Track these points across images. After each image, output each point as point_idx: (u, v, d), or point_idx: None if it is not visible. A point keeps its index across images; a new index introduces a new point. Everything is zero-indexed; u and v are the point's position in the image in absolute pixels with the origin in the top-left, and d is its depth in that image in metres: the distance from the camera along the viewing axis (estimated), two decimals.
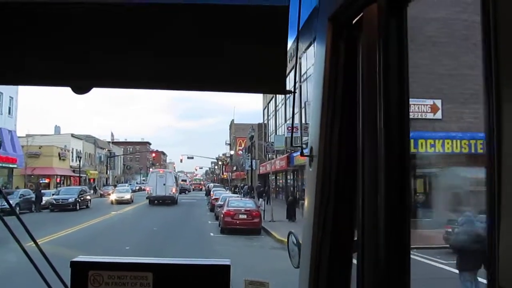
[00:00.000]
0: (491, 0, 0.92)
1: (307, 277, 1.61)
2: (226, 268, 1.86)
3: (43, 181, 51.00)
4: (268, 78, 1.42)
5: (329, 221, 1.56)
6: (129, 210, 33.68)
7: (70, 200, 32.98)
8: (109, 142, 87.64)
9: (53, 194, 35.09)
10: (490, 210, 0.94)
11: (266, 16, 1.37)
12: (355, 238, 1.48)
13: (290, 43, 1.43)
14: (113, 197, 42.67)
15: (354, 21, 1.43)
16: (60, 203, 32.41)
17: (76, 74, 1.41)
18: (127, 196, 42.61)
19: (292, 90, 1.63)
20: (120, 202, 39.49)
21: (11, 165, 39.89)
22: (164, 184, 40.32)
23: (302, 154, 1.74)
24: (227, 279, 1.84)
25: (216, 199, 29.82)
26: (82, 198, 34.92)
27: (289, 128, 27.08)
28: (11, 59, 1.39)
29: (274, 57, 1.39)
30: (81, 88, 1.43)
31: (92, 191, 62.13)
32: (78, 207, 33.14)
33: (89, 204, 36.21)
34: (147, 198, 41.66)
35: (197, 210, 34.78)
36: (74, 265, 1.86)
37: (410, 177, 1.32)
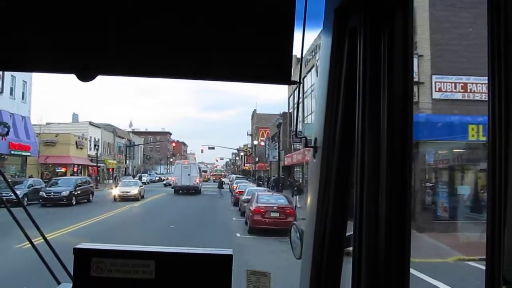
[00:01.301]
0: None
1: (309, 267, 1.62)
2: (229, 257, 1.84)
3: (60, 170, 49.33)
4: (274, 68, 1.41)
5: (332, 212, 1.56)
6: (141, 205, 29.65)
7: (63, 193, 27.94)
8: (129, 132, 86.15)
9: (46, 186, 29.58)
10: (495, 202, 0.91)
11: (272, 6, 1.36)
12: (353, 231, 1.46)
13: (296, 34, 1.44)
14: (115, 191, 33.01)
15: (360, 12, 1.40)
16: (52, 196, 27.43)
17: (81, 61, 1.39)
18: (134, 190, 32.83)
19: (298, 81, 1.58)
20: (125, 198, 31.40)
21: (24, 153, 37.92)
22: (188, 175, 41.49)
23: (306, 145, 1.84)
24: (229, 268, 1.82)
25: (241, 193, 27.24)
26: (80, 191, 29.49)
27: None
28: (15, 45, 1.36)
29: (280, 48, 1.38)
30: (86, 76, 1.39)
31: (111, 181, 61.13)
32: (74, 201, 28.26)
33: (90, 198, 31.18)
34: (172, 187, 42.92)
35: (219, 203, 32.10)
36: (77, 252, 1.84)
37: (411, 170, 1.31)
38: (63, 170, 49.76)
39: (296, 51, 1.46)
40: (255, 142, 62.33)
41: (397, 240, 1.26)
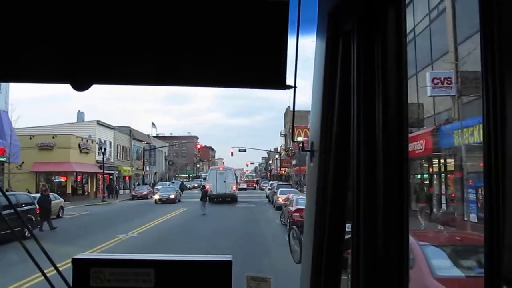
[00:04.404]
0: None
1: (309, 271, 1.65)
2: (228, 264, 1.83)
3: (58, 180, 40.02)
4: (268, 73, 1.41)
5: (330, 216, 1.58)
6: (127, 239, 19.03)
7: None
8: (153, 136, 76.88)
9: None
10: (493, 200, 0.91)
11: (266, 11, 1.37)
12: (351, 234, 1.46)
13: (290, 38, 1.43)
14: None
15: (353, 16, 1.42)
16: None
17: (75, 70, 1.37)
18: None
19: (293, 85, 1.52)
20: None
21: None
22: (224, 182, 38.11)
23: (303, 150, 1.78)
24: (229, 275, 1.80)
25: (299, 212, 16.79)
26: None
27: None
28: (3, 53, 1.33)
29: (274, 52, 1.38)
30: (81, 85, 1.37)
31: (128, 192, 51.94)
32: None
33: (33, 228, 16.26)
34: (207, 196, 38.66)
35: (263, 226, 21.48)
36: (76, 262, 1.82)
37: (408, 171, 1.32)
38: (62, 179, 40.42)
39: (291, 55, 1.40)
40: (300, 139, 51.73)
41: (395, 242, 1.30)
